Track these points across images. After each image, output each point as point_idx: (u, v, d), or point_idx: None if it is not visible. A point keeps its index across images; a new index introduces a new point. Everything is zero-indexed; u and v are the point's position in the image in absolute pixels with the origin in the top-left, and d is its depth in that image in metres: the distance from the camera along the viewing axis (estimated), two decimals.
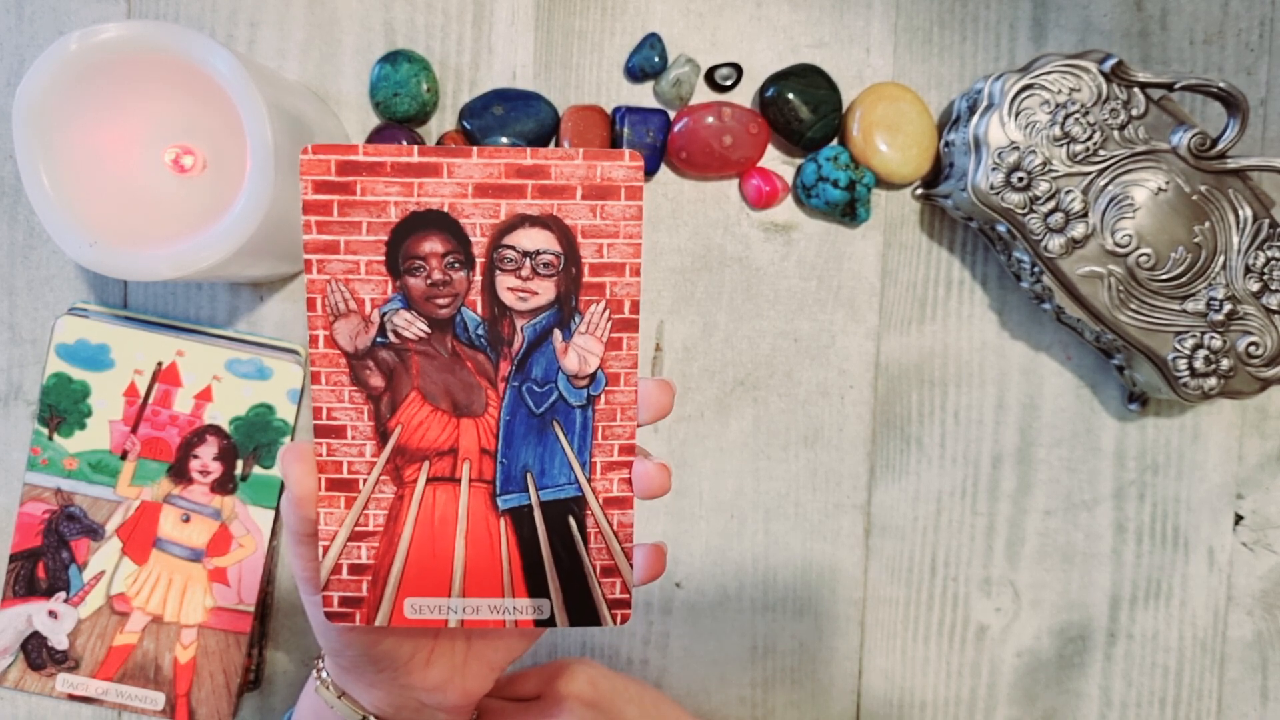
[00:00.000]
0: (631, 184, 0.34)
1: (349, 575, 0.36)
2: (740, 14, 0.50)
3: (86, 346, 0.46)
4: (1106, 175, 0.45)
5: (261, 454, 0.47)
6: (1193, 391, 0.46)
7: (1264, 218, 0.46)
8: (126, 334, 0.47)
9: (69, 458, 0.47)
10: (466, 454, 0.36)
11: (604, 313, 0.35)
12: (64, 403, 0.46)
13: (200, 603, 0.47)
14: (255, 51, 0.49)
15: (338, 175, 0.33)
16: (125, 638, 0.47)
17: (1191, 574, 0.52)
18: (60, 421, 0.46)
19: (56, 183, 0.40)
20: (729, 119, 0.48)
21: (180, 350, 0.46)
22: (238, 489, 0.48)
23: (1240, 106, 0.45)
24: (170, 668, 0.47)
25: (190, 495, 0.47)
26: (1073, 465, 0.52)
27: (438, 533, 0.36)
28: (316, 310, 0.34)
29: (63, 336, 0.46)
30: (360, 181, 0.33)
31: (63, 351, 0.46)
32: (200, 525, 0.47)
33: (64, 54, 0.39)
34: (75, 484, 0.47)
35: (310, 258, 0.34)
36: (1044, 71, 0.45)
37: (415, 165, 0.33)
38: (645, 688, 0.46)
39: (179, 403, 0.47)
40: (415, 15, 0.49)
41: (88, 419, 0.47)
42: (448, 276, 0.34)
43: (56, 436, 0.47)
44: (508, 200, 0.34)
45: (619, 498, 0.35)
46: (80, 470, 0.47)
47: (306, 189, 0.33)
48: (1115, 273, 0.45)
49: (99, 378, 0.47)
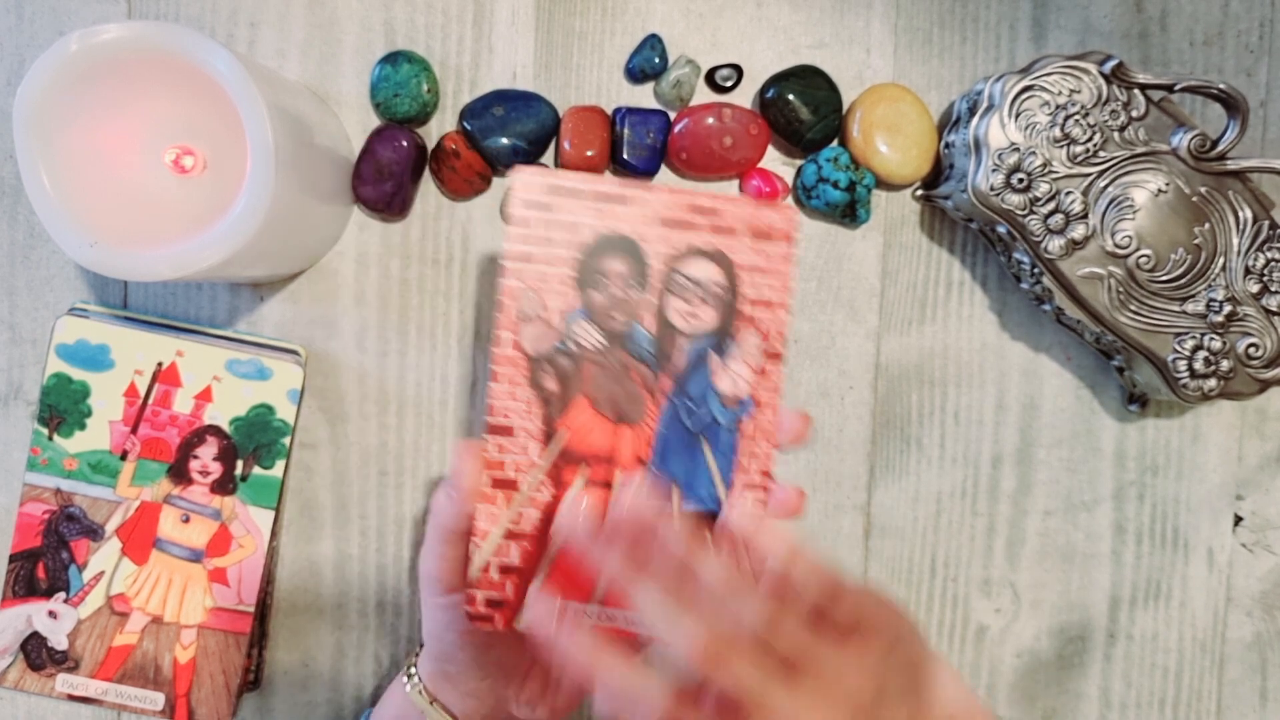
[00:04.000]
0: (788, 230, 0.38)
1: (497, 575, 0.37)
2: (740, 15, 0.50)
3: (86, 347, 0.46)
4: (1106, 176, 0.45)
5: (261, 454, 0.47)
6: (1192, 393, 0.46)
7: (1264, 219, 0.46)
8: (126, 334, 0.46)
9: (69, 458, 0.47)
10: (622, 461, 0.37)
11: (756, 343, 0.38)
12: (64, 403, 0.46)
13: (200, 603, 0.47)
14: (255, 52, 0.49)
15: (545, 195, 0.37)
16: (125, 638, 0.47)
17: (1191, 575, 0.52)
18: (60, 422, 0.46)
19: (57, 183, 0.40)
20: (729, 120, 0.48)
21: (180, 350, 0.46)
22: (238, 489, 0.47)
23: (1240, 108, 0.45)
24: (170, 668, 0.47)
25: (190, 496, 0.47)
26: (1072, 466, 0.52)
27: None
28: (506, 313, 0.37)
29: (63, 337, 0.46)
30: (563, 202, 0.37)
31: (63, 352, 0.46)
32: (200, 525, 0.47)
33: (64, 54, 0.39)
34: (75, 484, 0.47)
35: (508, 264, 0.37)
36: (1044, 73, 0.45)
37: (612, 194, 0.37)
38: None
39: (179, 403, 0.47)
40: (415, 16, 0.49)
41: (88, 419, 0.46)
42: (627, 295, 0.37)
43: (56, 437, 0.46)
44: (685, 233, 0.37)
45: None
46: (80, 470, 0.47)
47: (516, 204, 0.37)
48: (1115, 274, 0.45)
49: (99, 378, 0.46)
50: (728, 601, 0.32)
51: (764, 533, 0.35)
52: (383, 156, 0.47)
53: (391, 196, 0.48)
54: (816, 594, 0.33)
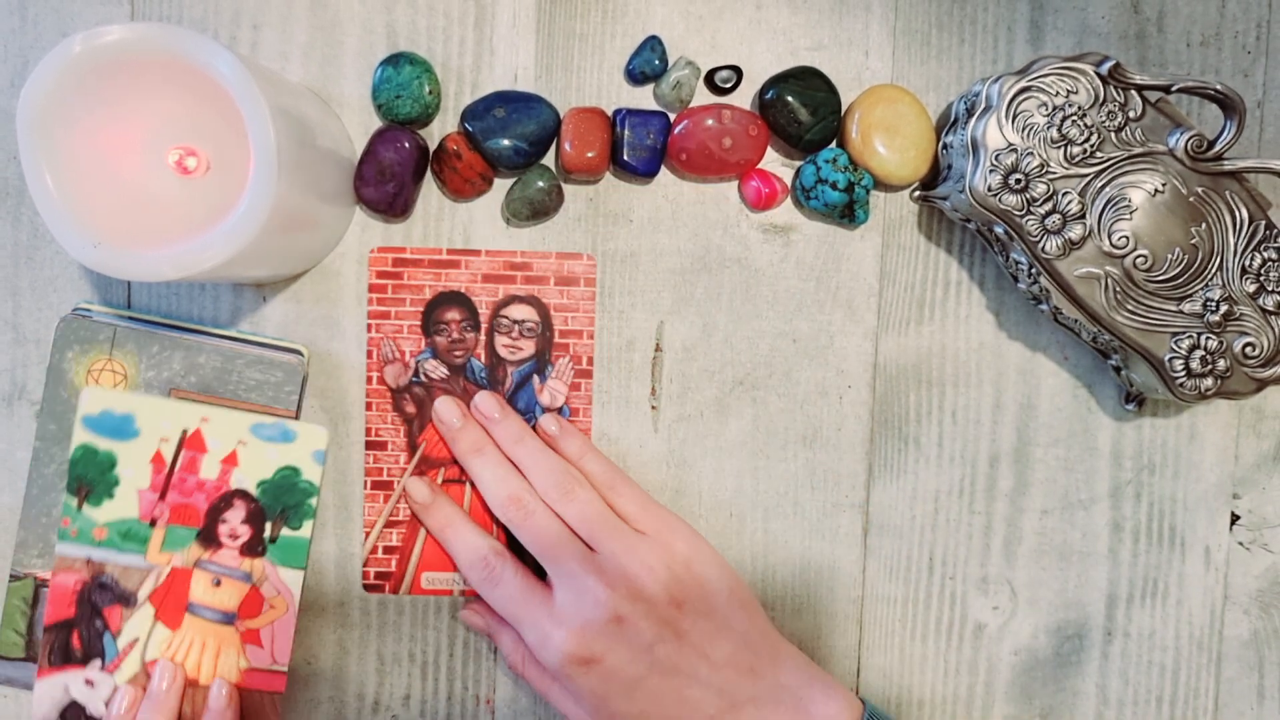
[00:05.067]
0: (588, 275, 0.49)
1: (383, 554, 0.50)
2: (740, 17, 0.50)
3: (111, 417, 0.46)
4: (1104, 177, 0.45)
5: (289, 515, 0.47)
6: (1189, 392, 0.47)
7: (1260, 219, 0.46)
8: (151, 403, 0.46)
9: (98, 527, 0.47)
10: None
11: (568, 364, 0.49)
12: (91, 473, 0.46)
13: (234, 664, 0.48)
14: (258, 53, 0.49)
15: (393, 267, 0.49)
16: None
17: (1188, 573, 0.52)
18: (88, 492, 0.46)
19: (60, 184, 0.40)
20: (729, 121, 0.48)
21: (205, 417, 0.47)
22: (267, 551, 0.48)
23: (1237, 108, 0.45)
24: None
25: (220, 559, 0.47)
26: (1069, 465, 0.52)
27: None
28: (373, 358, 0.49)
29: (88, 408, 0.46)
30: (407, 271, 0.49)
31: (89, 423, 0.46)
32: (231, 589, 0.48)
33: (68, 56, 0.39)
34: (106, 553, 0.47)
35: (371, 322, 0.49)
36: (1041, 74, 0.45)
37: (443, 260, 0.49)
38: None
39: (205, 468, 0.47)
40: (417, 18, 0.49)
41: (115, 488, 0.46)
42: (462, 336, 0.49)
43: (86, 507, 0.46)
44: (504, 285, 0.49)
45: None
46: (110, 539, 0.47)
47: (372, 275, 0.49)
48: (1112, 274, 0.46)
49: (125, 447, 0.46)
50: (537, 470, 0.47)
51: (565, 434, 0.48)
52: (385, 157, 0.48)
53: (393, 197, 0.48)
54: (605, 483, 0.48)
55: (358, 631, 0.51)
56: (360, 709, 0.51)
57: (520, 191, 0.49)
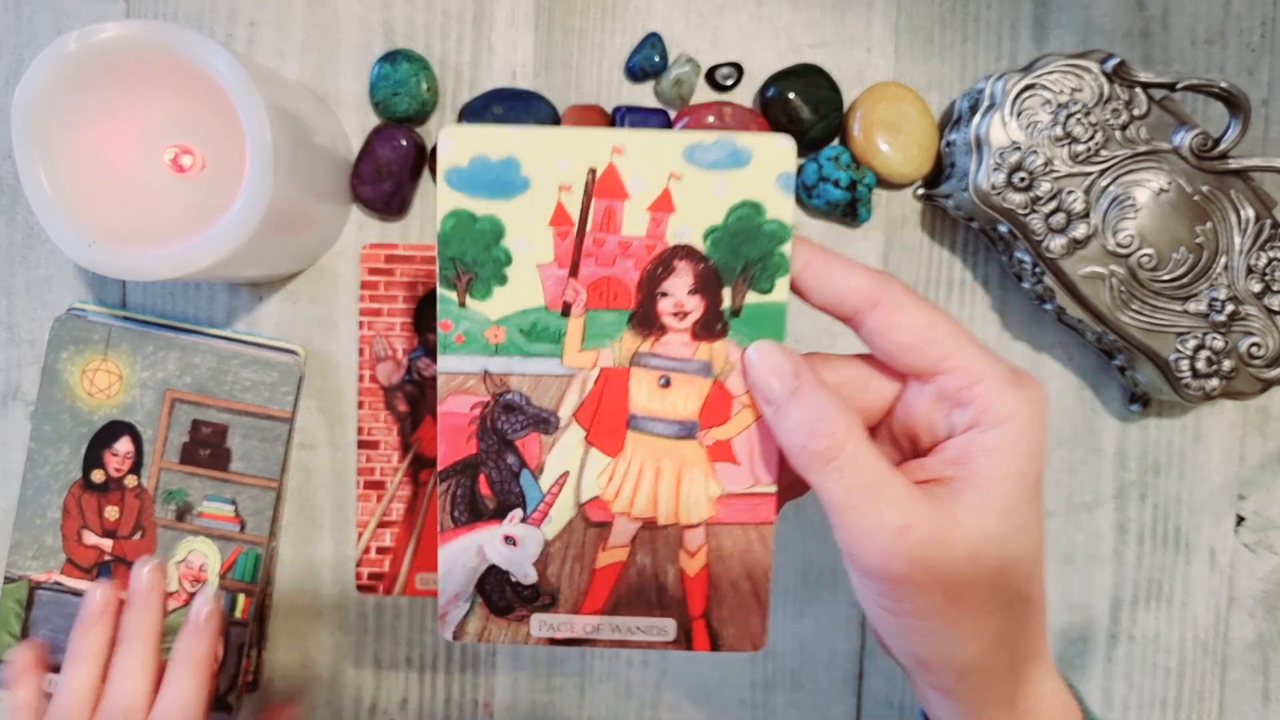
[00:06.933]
0: None
1: (376, 555, 0.49)
2: (741, 13, 0.49)
3: (487, 165, 0.33)
4: (1108, 175, 0.45)
5: (755, 274, 0.33)
6: (1194, 392, 0.46)
7: (1266, 218, 0.46)
8: (539, 137, 0.33)
9: (492, 327, 0.34)
10: None
11: None
12: (471, 251, 0.33)
13: (704, 492, 0.35)
14: (254, 51, 0.49)
15: (385, 263, 0.48)
16: (611, 555, 0.35)
17: (1193, 575, 0.52)
18: (471, 279, 0.33)
19: (55, 182, 0.40)
20: (730, 119, 0.48)
21: (618, 146, 0.33)
22: (729, 330, 0.34)
23: (1242, 107, 0.45)
24: (677, 584, 0.35)
25: (666, 349, 0.34)
26: (1074, 466, 0.51)
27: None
28: (365, 356, 0.49)
29: (453, 159, 0.32)
30: (399, 267, 0.49)
31: (456, 179, 0.32)
32: (685, 388, 0.34)
33: (63, 53, 0.39)
34: (509, 361, 0.34)
35: (362, 319, 0.49)
36: (1045, 71, 0.45)
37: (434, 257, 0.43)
38: None
39: (629, 221, 0.33)
40: (415, 14, 0.49)
41: (507, 269, 0.33)
42: None
43: (470, 300, 0.33)
44: None
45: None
46: (511, 342, 0.34)
47: (364, 272, 0.48)
48: (1117, 273, 0.45)
49: (512, 206, 0.33)
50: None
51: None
52: (382, 156, 0.47)
53: (390, 196, 0.48)
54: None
55: (355, 635, 0.50)
56: (357, 712, 0.50)
57: None
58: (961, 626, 0.29)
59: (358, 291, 0.49)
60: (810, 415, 0.30)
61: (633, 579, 0.35)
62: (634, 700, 0.51)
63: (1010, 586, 0.30)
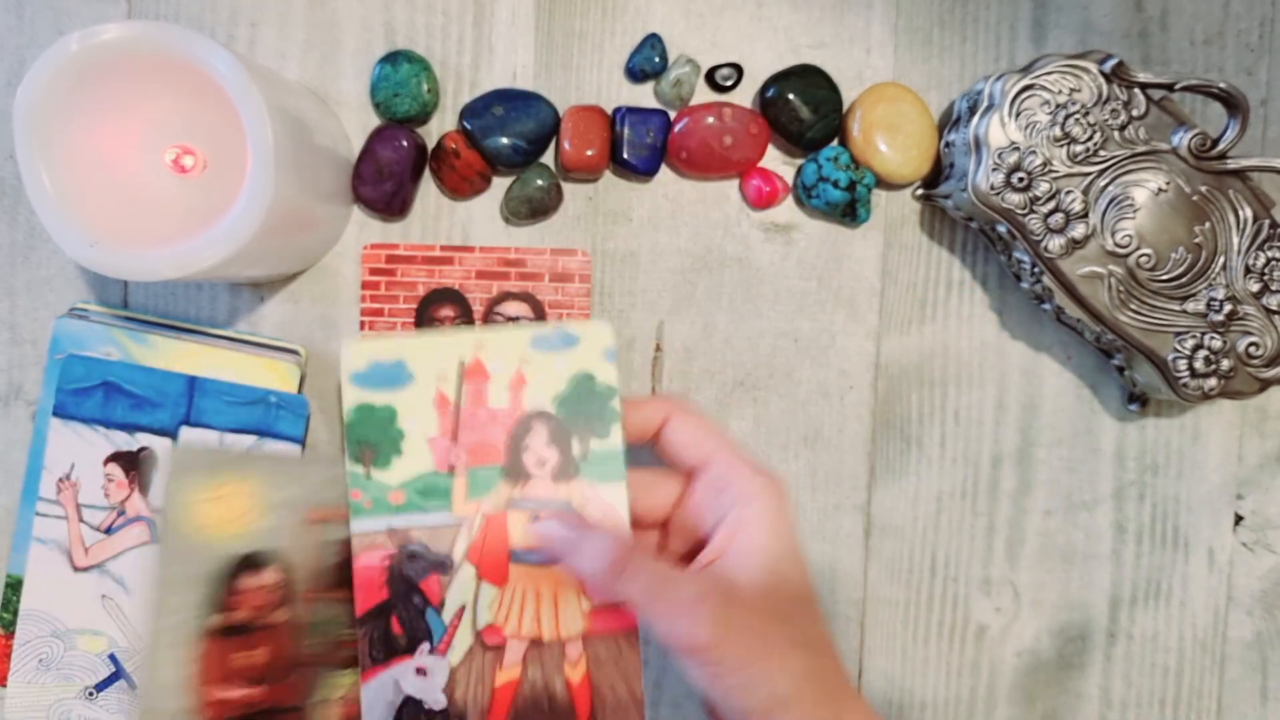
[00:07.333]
0: (583, 272, 0.49)
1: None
2: (741, 14, 0.50)
3: (381, 369, 0.41)
4: (1107, 176, 0.45)
5: (595, 426, 0.41)
6: (1193, 392, 0.46)
7: (1264, 218, 0.46)
8: (418, 343, 0.41)
9: (393, 491, 0.41)
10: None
11: None
12: (373, 434, 0.41)
13: (577, 609, 0.40)
14: (255, 52, 0.49)
15: (386, 264, 0.49)
16: (506, 673, 0.40)
17: (1191, 574, 0.52)
18: (374, 455, 0.41)
19: (57, 183, 0.40)
20: (729, 119, 0.48)
21: (479, 343, 0.41)
22: (580, 471, 0.41)
23: (1240, 107, 0.45)
24: (564, 693, 0.40)
25: (533, 492, 0.41)
26: (1072, 465, 0.52)
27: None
28: None
29: (354, 364, 0.40)
30: (400, 267, 0.49)
31: (359, 380, 0.40)
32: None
33: (64, 54, 0.39)
34: (408, 518, 0.40)
35: (364, 319, 0.49)
36: (1044, 72, 0.45)
37: (437, 257, 0.49)
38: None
39: (494, 397, 0.41)
40: (416, 16, 0.49)
41: (402, 443, 0.41)
42: None
43: (374, 471, 0.40)
44: (498, 281, 0.49)
45: None
46: (410, 501, 0.41)
47: (365, 272, 0.49)
48: (1115, 273, 0.45)
49: (402, 396, 0.41)
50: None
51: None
52: (383, 156, 0.47)
53: (391, 196, 0.48)
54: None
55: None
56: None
57: (519, 190, 0.48)
58: (773, 663, 0.35)
59: (359, 292, 0.49)
60: (594, 548, 0.37)
61: (527, 693, 0.40)
62: None
63: (799, 628, 0.36)
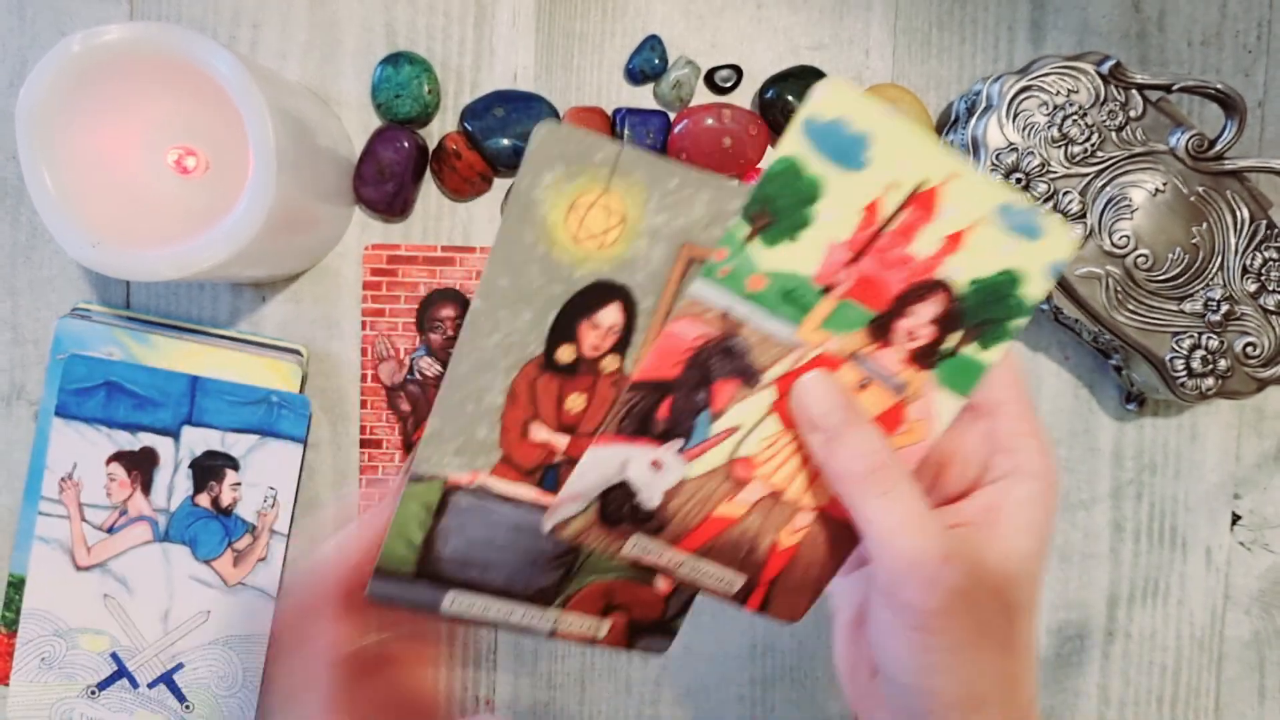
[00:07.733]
0: None
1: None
2: (740, 16, 0.50)
3: (840, 132, 0.33)
4: (1104, 176, 0.45)
5: (985, 331, 0.35)
6: (1190, 392, 0.47)
7: (1261, 219, 0.46)
8: (899, 130, 0.33)
9: (758, 275, 0.34)
10: None
11: None
12: (784, 198, 0.33)
13: (827, 484, 0.36)
14: (257, 53, 0.49)
15: (387, 264, 0.50)
16: (729, 508, 0.36)
17: (1189, 573, 0.52)
18: (769, 223, 0.33)
19: (59, 183, 0.40)
20: (729, 121, 0.48)
21: (955, 173, 0.34)
22: (937, 364, 0.35)
23: (1238, 108, 0.45)
24: (766, 551, 0.36)
25: (880, 359, 0.35)
26: (1070, 465, 0.52)
27: None
28: (367, 356, 0.50)
29: (818, 109, 0.32)
30: (401, 268, 0.50)
31: (811, 129, 0.32)
32: (874, 396, 0.35)
33: (66, 55, 0.39)
34: (752, 310, 0.34)
35: (365, 319, 0.50)
36: (1042, 73, 0.45)
37: (438, 257, 0.49)
38: None
39: (922, 241, 0.34)
40: (417, 17, 0.49)
41: (803, 230, 0.33)
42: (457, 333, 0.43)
43: (755, 241, 0.34)
44: None
45: None
46: (765, 294, 0.34)
47: (366, 272, 0.49)
48: (1113, 273, 0.46)
49: (842, 178, 0.33)
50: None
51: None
52: (384, 157, 0.48)
53: (393, 197, 0.48)
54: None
55: None
56: None
57: None
58: (984, 656, 0.31)
59: (360, 292, 0.50)
60: (866, 446, 0.32)
61: (734, 535, 0.36)
62: (634, 696, 0.52)
63: (1020, 629, 0.32)
